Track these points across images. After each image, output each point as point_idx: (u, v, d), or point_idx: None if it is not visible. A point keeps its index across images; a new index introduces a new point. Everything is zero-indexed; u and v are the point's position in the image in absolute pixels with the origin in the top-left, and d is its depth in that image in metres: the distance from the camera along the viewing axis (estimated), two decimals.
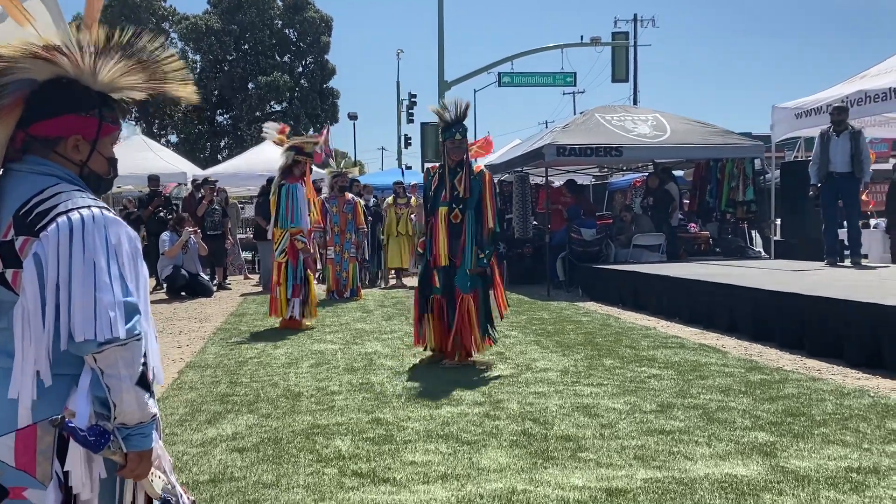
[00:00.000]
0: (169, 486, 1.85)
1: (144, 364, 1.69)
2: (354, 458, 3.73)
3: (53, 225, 1.63)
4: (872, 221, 13.87)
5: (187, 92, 1.88)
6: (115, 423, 1.67)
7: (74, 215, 1.65)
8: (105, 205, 1.75)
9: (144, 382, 1.69)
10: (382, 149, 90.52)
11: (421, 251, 6.30)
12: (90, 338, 1.61)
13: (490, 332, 6.07)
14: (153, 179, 13.84)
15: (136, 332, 1.66)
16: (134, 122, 33.62)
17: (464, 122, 5.94)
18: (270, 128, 8.55)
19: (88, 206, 1.68)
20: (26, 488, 1.67)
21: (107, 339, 1.61)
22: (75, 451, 1.67)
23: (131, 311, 1.66)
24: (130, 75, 1.78)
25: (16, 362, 1.66)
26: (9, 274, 1.66)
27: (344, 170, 11.94)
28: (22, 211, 1.65)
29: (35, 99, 1.73)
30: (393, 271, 13.25)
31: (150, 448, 1.74)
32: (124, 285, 1.66)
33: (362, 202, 11.93)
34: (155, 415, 1.73)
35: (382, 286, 13.12)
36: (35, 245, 1.63)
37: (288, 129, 8.56)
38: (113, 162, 1.87)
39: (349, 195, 11.49)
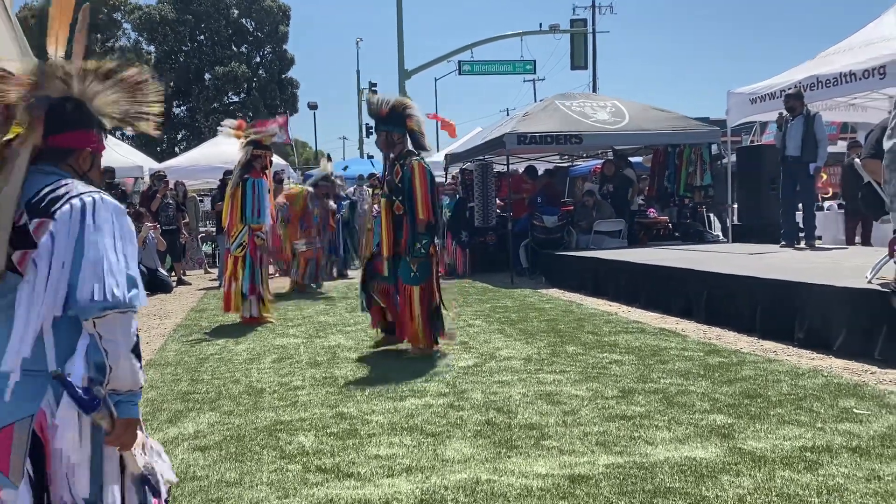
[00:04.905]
0: (150, 466, 1.94)
1: (137, 336, 1.81)
2: (318, 454, 3.72)
3: (67, 205, 1.79)
4: (826, 204, 14.09)
5: (149, 128, 2.05)
6: (107, 388, 1.77)
7: (87, 197, 1.82)
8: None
9: (138, 352, 1.81)
10: (344, 138, 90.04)
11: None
12: (98, 298, 1.72)
13: (438, 326, 6.08)
14: (108, 172, 13.53)
15: (135, 304, 1.79)
16: None
17: (391, 119, 5.93)
18: (227, 124, 8.53)
19: (98, 191, 1.88)
20: (1, 488, 1.72)
21: (111, 302, 1.73)
22: (68, 410, 1.74)
23: (132, 284, 1.79)
24: (116, 105, 1.98)
25: (14, 334, 1.75)
26: (16, 256, 1.77)
27: (333, 176, 12.26)
28: (34, 199, 1.80)
29: (52, 114, 1.89)
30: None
31: (137, 418, 1.85)
32: (127, 260, 1.81)
33: (335, 206, 12.26)
34: (142, 386, 1.85)
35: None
36: (51, 225, 1.77)
37: (245, 125, 8.47)
38: (106, 172, 2.00)
39: (330, 202, 11.85)
